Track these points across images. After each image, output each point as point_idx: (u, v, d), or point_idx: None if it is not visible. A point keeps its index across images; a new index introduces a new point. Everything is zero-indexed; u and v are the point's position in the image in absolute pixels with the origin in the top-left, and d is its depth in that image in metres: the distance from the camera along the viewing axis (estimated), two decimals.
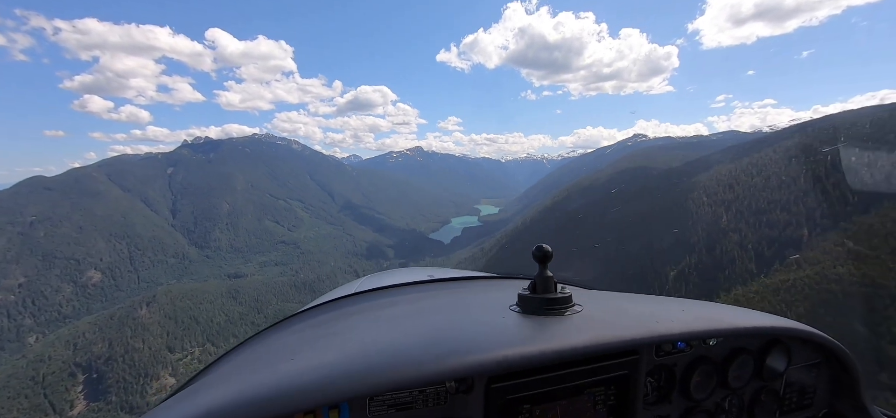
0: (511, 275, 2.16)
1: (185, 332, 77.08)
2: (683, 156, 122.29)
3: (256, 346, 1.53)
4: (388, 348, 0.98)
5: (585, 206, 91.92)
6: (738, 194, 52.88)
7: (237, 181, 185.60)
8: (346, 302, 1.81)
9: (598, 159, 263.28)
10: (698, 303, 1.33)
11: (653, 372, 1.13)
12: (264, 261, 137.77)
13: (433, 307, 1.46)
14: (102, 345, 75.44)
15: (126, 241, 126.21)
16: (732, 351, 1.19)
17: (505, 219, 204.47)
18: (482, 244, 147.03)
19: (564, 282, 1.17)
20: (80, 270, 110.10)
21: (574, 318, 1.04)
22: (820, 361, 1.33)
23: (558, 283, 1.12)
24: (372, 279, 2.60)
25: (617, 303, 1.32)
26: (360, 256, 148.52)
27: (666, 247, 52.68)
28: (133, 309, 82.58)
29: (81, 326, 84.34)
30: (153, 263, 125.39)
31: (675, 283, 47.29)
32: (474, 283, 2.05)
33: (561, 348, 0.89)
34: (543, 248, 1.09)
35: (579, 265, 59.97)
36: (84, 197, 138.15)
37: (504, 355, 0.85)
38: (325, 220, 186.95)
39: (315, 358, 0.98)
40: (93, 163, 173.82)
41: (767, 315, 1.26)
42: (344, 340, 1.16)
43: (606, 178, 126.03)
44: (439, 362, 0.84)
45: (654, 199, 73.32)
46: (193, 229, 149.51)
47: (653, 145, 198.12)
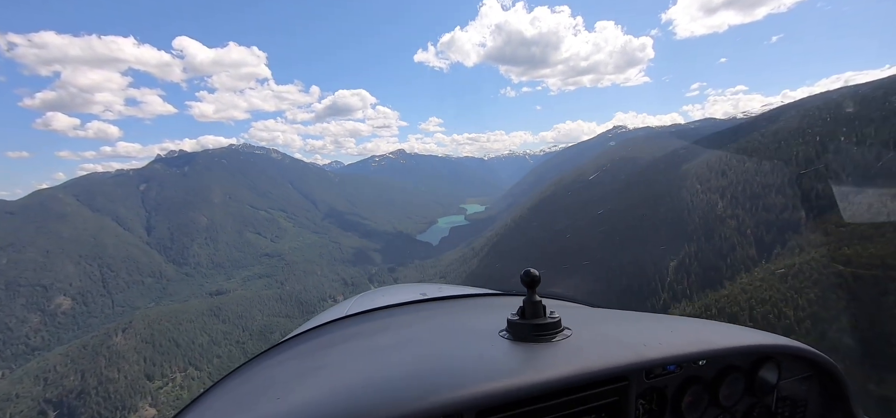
0: (504, 292, 2.10)
1: (165, 357, 72.72)
2: (665, 146, 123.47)
3: (242, 380, 1.51)
4: (375, 384, 0.97)
5: (576, 204, 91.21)
6: (732, 180, 52.42)
7: (214, 194, 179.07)
8: (333, 327, 1.78)
9: (580, 153, 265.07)
10: (687, 321, 1.35)
11: (643, 394, 1.12)
12: (248, 274, 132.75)
13: (420, 335, 1.45)
14: (75, 378, 70.53)
15: (97, 263, 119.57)
16: (723, 369, 1.20)
17: (492, 217, 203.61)
18: (471, 243, 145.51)
19: (553, 296, 1.18)
20: (47, 298, 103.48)
21: (563, 345, 1.04)
22: (810, 374, 1.34)
23: (546, 307, 1.11)
24: (361, 300, 2.56)
25: (605, 326, 1.32)
26: (346, 263, 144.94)
27: (664, 239, 51.81)
28: (107, 336, 77.62)
29: (51, 358, 78.93)
30: (128, 285, 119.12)
31: (675, 275, 46.41)
32: (465, 303, 2.04)
33: (549, 379, 0.88)
34: (531, 273, 1.09)
35: (575, 264, 58.83)
36: (50, 219, 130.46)
37: (492, 388, 0.84)
38: (310, 229, 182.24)
39: (300, 398, 0.96)
40: (59, 184, 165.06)
41: (756, 332, 1.29)
42: (330, 376, 1.14)
43: (592, 172, 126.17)
44: (427, 398, 0.83)
45: (644, 191, 72.88)
46: (170, 246, 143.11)
47: (633, 136, 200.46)
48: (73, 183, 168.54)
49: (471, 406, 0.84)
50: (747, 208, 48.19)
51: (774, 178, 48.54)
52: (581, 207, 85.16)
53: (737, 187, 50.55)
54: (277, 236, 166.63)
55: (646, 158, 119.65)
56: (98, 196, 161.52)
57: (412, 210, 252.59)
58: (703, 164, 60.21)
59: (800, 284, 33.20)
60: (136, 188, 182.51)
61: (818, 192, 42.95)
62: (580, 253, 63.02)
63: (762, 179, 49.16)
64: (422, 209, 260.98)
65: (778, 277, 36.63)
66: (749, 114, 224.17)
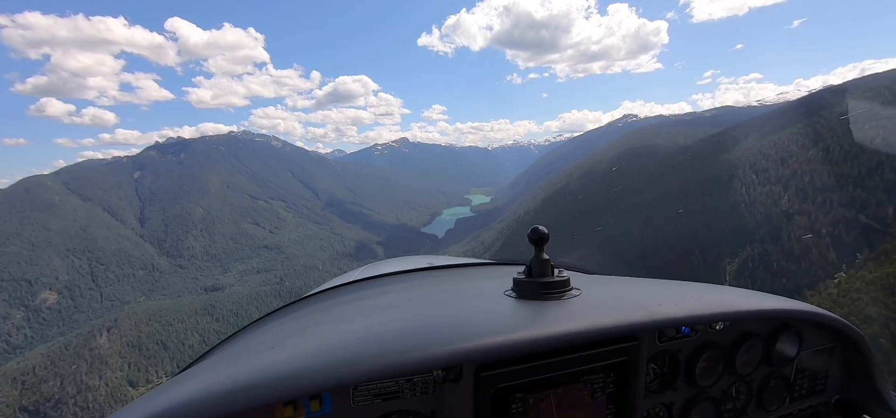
0: (513, 261, 2.05)
1: (151, 361, 66.67)
2: (690, 134, 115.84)
3: (244, 336, 1.55)
4: (373, 336, 0.96)
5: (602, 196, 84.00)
6: (795, 170, 45.31)
7: (211, 182, 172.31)
8: (339, 291, 1.79)
9: (589, 142, 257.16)
10: (704, 286, 1.29)
11: (655, 358, 1.10)
12: (245, 268, 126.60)
13: (425, 295, 1.44)
14: (54, 383, 64.61)
15: (87, 256, 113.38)
16: (740, 336, 1.15)
17: (498, 208, 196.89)
18: (478, 235, 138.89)
19: (564, 266, 1.15)
20: (32, 293, 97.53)
21: (571, 303, 1.01)
22: (833, 345, 1.29)
23: (556, 267, 1.08)
24: (370, 268, 2.58)
25: (618, 286, 1.29)
26: (348, 257, 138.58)
27: (718, 237, 44.82)
28: (91, 336, 71.60)
29: (32, 359, 72.95)
30: (118, 278, 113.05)
31: (737, 280, 39.62)
32: (472, 270, 2.04)
33: (555, 334, 0.86)
34: (539, 230, 1.06)
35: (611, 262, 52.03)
36: (36, 209, 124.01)
37: (492, 342, 0.82)
38: (310, 219, 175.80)
39: (297, 347, 0.96)
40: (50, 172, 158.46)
41: (778, 297, 1.24)
42: (329, 329, 1.14)
43: (608, 161, 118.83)
44: (424, 350, 0.81)
45: (678, 181, 65.69)
46: (164, 238, 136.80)
47: (645, 124, 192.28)
48: (65, 170, 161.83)
49: (470, 358, 0.82)
50: (818, 203, 41.18)
51: (850, 168, 41.41)
52: (608, 201, 77.87)
53: (803, 178, 43.48)
54: (276, 227, 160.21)
55: (667, 146, 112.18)
56: (89, 184, 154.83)
57: (416, 200, 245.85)
58: (755, 152, 52.99)
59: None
60: (129, 176, 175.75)
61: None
62: (615, 249, 56.15)
63: (836, 169, 42.06)
64: (425, 199, 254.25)
65: (880, 288, 29.86)
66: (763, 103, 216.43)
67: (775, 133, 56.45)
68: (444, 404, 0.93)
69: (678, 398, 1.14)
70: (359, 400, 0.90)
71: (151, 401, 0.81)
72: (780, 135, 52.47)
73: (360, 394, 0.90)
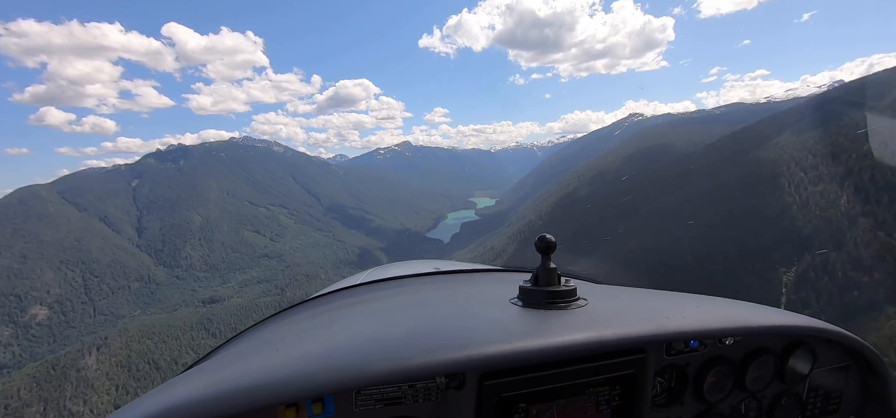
0: (519, 268, 2.02)
1: (141, 383, 62.04)
2: (707, 132, 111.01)
3: (248, 337, 1.55)
4: (377, 340, 0.95)
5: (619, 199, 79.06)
6: (851, 167, 40.43)
7: (211, 190, 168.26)
8: (343, 294, 1.78)
9: (593, 142, 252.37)
10: (715, 299, 1.26)
11: (663, 371, 1.07)
12: (245, 279, 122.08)
13: (429, 300, 1.43)
14: (37, 408, 60.11)
15: (80, 268, 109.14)
16: (751, 352, 1.12)
17: (503, 212, 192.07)
18: (485, 240, 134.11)
19: (571, 275, 1.13)
20: (21, 308, 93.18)
21: (577, 313, 0.99)
22: (848, 364, 1.24)
23: (563, 276, 1.06)
24: (375, 271, 2.59)
25: (625, 297, 1.26)
26: (351, 264, 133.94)
27: (768, 244, 39.89)
28: (79, 355, 67.10)
29: (18, 380, 68.26)
30: (113, 291, 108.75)
31: (797, 293, 34.75)
32: (478, 276, 2.03)
33: (560, 344, 0.84)
34: (546, 238, 1.04)
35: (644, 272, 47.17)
36: (29, 220, 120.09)
37: (496, 350, 0.81)
38: (312, 226, 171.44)
39: (300, 350, 0.96)
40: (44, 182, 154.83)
41: (791, 313, 1.20)
42: (333, 332, 1.14)
43: (621, 162, 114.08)
44: (427, 356, 0.80)
45: (706, 182, 60.81)
46: (161, 247, 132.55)
47: (653, 124, 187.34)
48: (61, 180, 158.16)
49: (474, 366, 0.81)
50: (884, 203, 36.29)
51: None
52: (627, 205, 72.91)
53: (863, 176, 38.60)
54: (278, 234, 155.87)
55: (682, 146, 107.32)
56: (86, 193, 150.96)
57: (419, 204, 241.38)
58: (798, 147, 48.13)
59: None
60: (127, 184, 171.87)
61: None
62: (646, 258, 51.15)
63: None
64: (429, 203, 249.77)
65: None
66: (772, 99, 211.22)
67: (815, 128, 51.62)
68: (447, 411, 0.92)
69: (686, 413, 1.12)
70: (361, 404, 0.89)
71: (153, 400, 0.81)
72: (826, 128, 47.63)
73: (363, 399, 0.89)
